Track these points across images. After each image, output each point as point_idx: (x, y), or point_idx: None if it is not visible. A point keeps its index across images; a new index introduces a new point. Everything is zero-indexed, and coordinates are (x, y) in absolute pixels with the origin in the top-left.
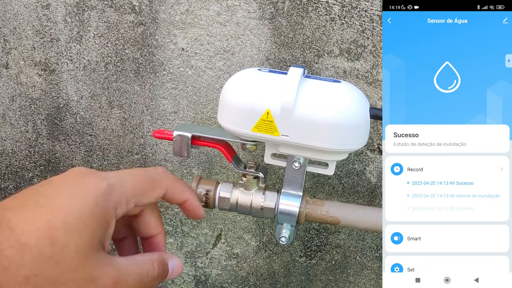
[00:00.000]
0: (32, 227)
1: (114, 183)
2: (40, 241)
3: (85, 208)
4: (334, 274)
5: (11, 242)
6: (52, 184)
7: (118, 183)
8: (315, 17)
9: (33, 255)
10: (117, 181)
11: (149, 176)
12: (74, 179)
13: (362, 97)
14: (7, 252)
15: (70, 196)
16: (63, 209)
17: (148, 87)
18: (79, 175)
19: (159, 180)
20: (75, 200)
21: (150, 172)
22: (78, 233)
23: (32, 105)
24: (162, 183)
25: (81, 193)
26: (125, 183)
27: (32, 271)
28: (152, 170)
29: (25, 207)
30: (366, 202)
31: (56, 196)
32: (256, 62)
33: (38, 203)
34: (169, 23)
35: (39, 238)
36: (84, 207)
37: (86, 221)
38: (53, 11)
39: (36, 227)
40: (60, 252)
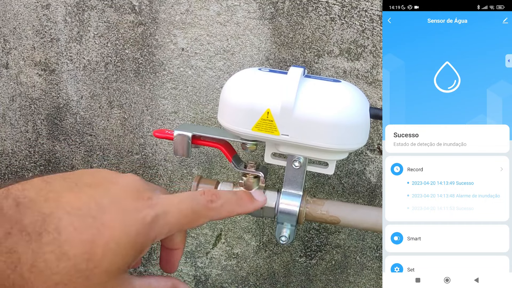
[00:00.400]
0: (76, 238)
1: (160, 214)
2: (79, 255)
3: (128, 236)
4: (334, 274)
5: (53, 247)
6: (109, 193)
7: (163, 215)
8: (315, 17)
9: (69, 265)
10: (163, 213)
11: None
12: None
13: (362, 97)
14: (47, 256)
15: (118, 218)
16: (109, 228)
17: (148, 87)
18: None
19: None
20: (122, 225)
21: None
22: (114, 257)
23: (32, 105)
24: (200, 220)
25: (128, 218)
26: (170, 215)
27: (63, 280)
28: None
29: (77, 213)
30: (366, 202)
31: (108, 210)
32: (256, 62)
33: (91, 212)
34: (169, 23)
35: (79, 251)
36: (127, 235)
37: (124, 249)
38: (53, 11)
39: (80, 239)
40: (93, 270)
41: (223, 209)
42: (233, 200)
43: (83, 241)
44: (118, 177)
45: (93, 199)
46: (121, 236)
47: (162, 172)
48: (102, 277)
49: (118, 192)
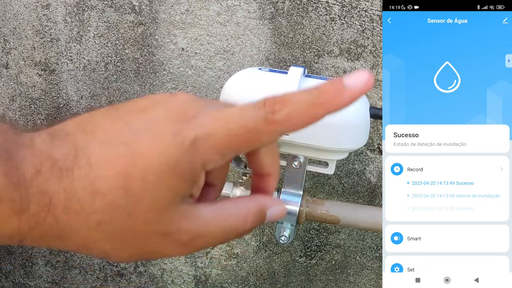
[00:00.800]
0: (109, 170)
1: (201, 136)
2: (114, 189)
3: (167, 164)
4: (334, 274)
5: (85, 184)
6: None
7: (206, 138)
8: (315, 17)
9: (106, 202)
10: (206, 134)
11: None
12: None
13: (362, 97)
14: (80, 195)
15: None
16: (143, 157)
17: (148, 87)
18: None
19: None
20: (157, 151)
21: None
22: (156, 190)
23: (32, 105)
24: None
25: (164, 143)
26: (215, 137)
27: (104, 218)
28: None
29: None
30: (366, 202)
31: (142, 135)
32: (256, 62)
33: (123, 139)
34: (169, 23)
35: (114, 186)
36: (166, 163)
37: (167, 179)
38: (53, 11)
39: (113, 172)
40: (134, 206)
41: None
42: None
43: (116, 174)
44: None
45: (127, 125)
46: (159, 165)
47: None
48: (148, 213)
49: (158, 114)
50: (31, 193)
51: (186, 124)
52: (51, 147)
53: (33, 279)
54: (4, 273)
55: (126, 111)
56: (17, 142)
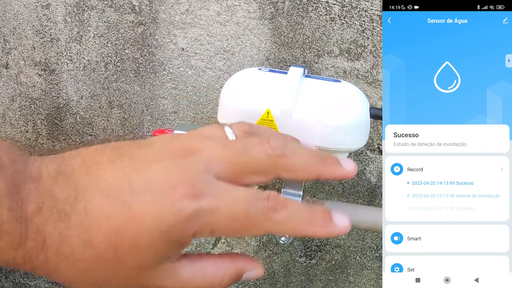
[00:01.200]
0: (103, 223)
1: (202, 210)
2: (104, 243)
3: (159, 230)
4: (334, 274)
5: (79, 232)
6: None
7: (206, 213)
8: (315, 17)
9: (94, 253)
10: (208, 210)
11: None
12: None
13: (362, 97)
14: (73, 241)
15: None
16: (138, 218)
17: (148, 87)
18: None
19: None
20: (153, 215)
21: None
22: (143, 253)
23: (32, 105)
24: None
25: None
26: (216, 215)
27: (90, 266)
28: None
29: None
30: (366, 202)
31: (140, 194)
32: (256, 62)
33: (122, 194)
34: (169, 23)
35: (105, 239)
36: (158, 229)
37: (156, 243)
38: (53, 11)
39: (106, 226)
40: (119, 262)
41: (287, 224)
42: (304, 217)
43: (109, 229)
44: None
45: (128, 178)
46: (152, 230)
47: None
48: (132, 270)
49: (161, 173)
50: (30, 230)
51: (187, 190)
52: (55, 184)
53: (33, 279)
54: (4, 273)
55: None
56: (25, 174)
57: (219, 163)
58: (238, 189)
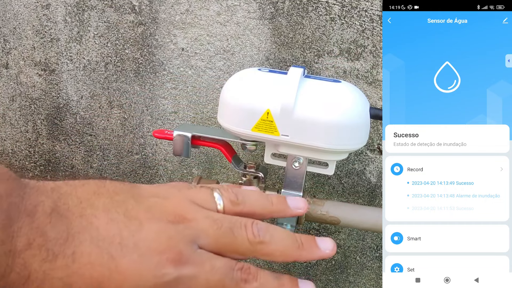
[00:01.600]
0: (87, 273)
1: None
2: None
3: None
4: (334, 274)
5: (62, 274)
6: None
7: (186, 279)
8: (315, 17)
9: None
10: (188, 277)
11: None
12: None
13: (362, 97)
14: (55, 283)
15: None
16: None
17: (148, 87)
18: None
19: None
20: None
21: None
22: None
23: (32, 105)
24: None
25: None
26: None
27: None
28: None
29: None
30: (366, 202)
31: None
32: (256, 62)
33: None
34: (169, 23)
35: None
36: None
37: None
38: (53, 11)
39: (90, 275)
40: None
41: None
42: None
43: (92, 278)
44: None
45: (120, 232)
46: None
47: (162, 172)
48: None
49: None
50: (16, 264)
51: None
52: (48, 222)
53: None
54: None
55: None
56: (20, 207)
57: (205, 237)
58: (218, 258)
